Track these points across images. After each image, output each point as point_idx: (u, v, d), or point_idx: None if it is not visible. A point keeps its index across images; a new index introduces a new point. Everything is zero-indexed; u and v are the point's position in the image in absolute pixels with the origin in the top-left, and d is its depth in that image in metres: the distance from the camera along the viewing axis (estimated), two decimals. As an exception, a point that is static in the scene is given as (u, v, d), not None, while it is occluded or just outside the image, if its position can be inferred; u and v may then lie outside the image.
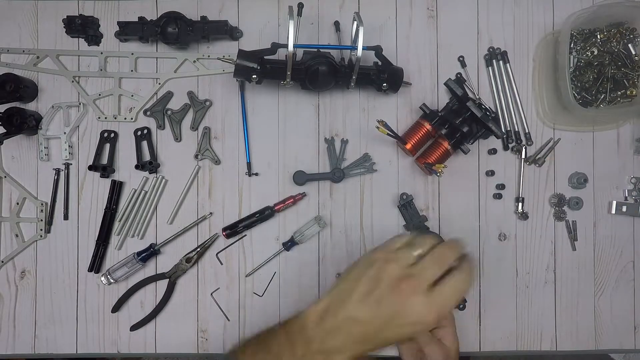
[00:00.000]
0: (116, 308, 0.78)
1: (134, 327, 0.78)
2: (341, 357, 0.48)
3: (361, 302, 0.49)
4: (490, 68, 0.79)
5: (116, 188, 0.78)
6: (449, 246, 0.52)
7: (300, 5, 0.73)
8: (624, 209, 0.78)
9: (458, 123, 0.71)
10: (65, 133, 0.78)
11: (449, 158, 0.75)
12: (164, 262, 0.79)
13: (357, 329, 0.48)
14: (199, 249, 0.78)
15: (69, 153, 0.78)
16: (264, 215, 0.77)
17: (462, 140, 0.73)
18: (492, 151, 0.79)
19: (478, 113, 0.69)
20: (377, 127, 0.71)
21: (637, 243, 0.79)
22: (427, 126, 0.74)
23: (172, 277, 0.78)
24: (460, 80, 0.73)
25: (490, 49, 0.79)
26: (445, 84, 0.71)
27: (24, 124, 0.76)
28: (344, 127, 0.79)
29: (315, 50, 0.73)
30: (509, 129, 0.79)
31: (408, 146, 0.74)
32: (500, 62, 0.79)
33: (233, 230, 0.77)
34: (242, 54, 0.69)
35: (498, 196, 0.79)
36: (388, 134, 0.71)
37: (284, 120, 0.80)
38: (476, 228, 0.79)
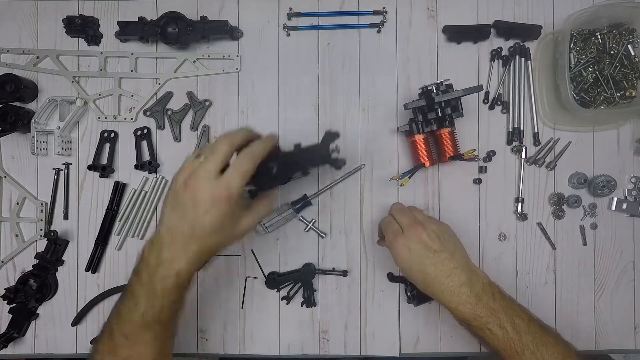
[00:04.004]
0: (76, 321, 0.78)
1: (95, 340, 0.77)
2: (180, 265, 0.55)
3: (169, 213, 0.56)
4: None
5: (119, 190, 0.78)
6: (223, 136, 0.57)
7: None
8: (624, 206, 0.78)
9: (436, 109, 0.71)
10: (59, 127, 0.77)
11: (456, 136, 0.74)
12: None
13: (176, 235, 0.55)
14: None
15: (62, 148, 0.77)
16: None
17: (451, 115, 0.72)
18: (492, 152, 0.79)
19: (451, 97, 0.70)
20: (401, 185, 0.76)
21: (637, 243, 0.79)
22: (420, 137, 0.74)
23: None
24: (424, 92, 0.73)
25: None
26: (406, 108, 0.72)
27: (19, 121, 0.76)
28: (344, 127, 0.79)
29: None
30: (516, 126, 0.79)
31: (427, 164, 0.74)
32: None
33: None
34: None
35: (478, 181, 0.79)
36: (409, 177, 0.72)
37: (284, 119, 0.80)
38: (476, 228, 0.79)
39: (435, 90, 0.71)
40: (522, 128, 0.79)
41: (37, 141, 0.77)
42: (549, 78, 0.78)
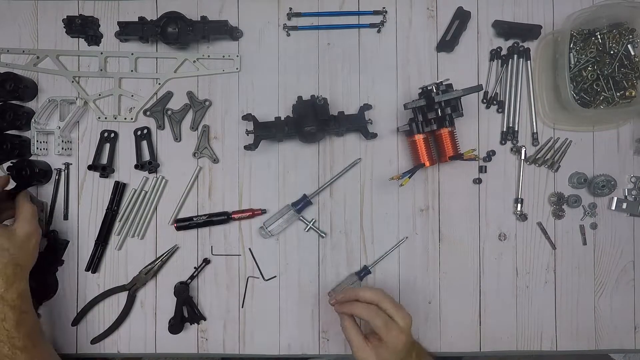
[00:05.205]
0: (76, 321, 0.78)
1: (95, 340, 0.78)
2: None
3: None
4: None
5: (119, 189, 0.78)
6: None
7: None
8: (624, 205, 0.78)
9: (436, 109, 0.71)
10: (59, 127, 0.77)
11: (456, 136, 0.74)
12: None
13: None
14: (158, 262, 0.78)
15: (62, 148, 0.77)
16: (218, 219, 0.77)
17: (450, 115, 0.72)
18: (492, 152, 0.79)
19: (451, 96, 0.70)
20: (401, 185, 0.74)
21: (637, 243, 0.79)
22: (420, 137, 0.74)
23: (132, 289, 0.78)
24: (424, 92, 0.74)
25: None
26: (406, 108, 0.73)
27: (17, 120, 0.76)
28: (344, 127, 0.79)
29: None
30: (510, 125, 0.79)
31: (427, 164, 0.74)
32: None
33: (184, 224, 0.77)
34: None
35: (478, 181, 0.79)
36: (409, 177, 0.72)
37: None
38: (476, 228, 0.79)
39: (435, 90, 0.71)
40: (516, 128, 0.79)
41: (37, 141, 0.77)
42: (548, 78, 0.78)
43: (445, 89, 0.71)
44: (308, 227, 0.78)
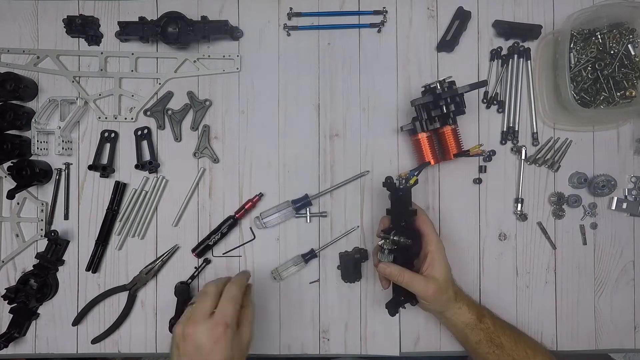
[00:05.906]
0: (77, 321, 0.78)
1: (95, 340, 0.78)
2: None
3: None
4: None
5: (119, 189, 0.78)
6: (208, 282, 0.62)
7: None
8: (624, 205, 0.78)
9: (441, 106, 0.71)
10: (59, 127, 0.77)
11: (459, 133, 0.74)
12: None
13: None
14: (159, 262, 0.78)
15: (63, 148, 0.77)
16: (227, 228, 0.77)
17: (454, 112, 0.72)
18: (492, 152, 0.79)
19: (457, 92, 0.70)
20: (409, 184, 0.70)
21: (637, 242, 0.79)
22: (424, 135, 0.74)
23: (132, 289, 0.78)
24: (426, 90, 0.74)
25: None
26: (413, 105, 0.72)
27: (17, 120, 0.76)
28: (344, 126, 0.79)
29: None
30: (511, 125, 0.79)
31: (432, 162, 0.74)
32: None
33: (202, 250, 0.78)
34: None
35: (478, 181, 0.79)
36: (417, 175, 0.70)
37: (284, 119, 0.80)
38: (476, 228, 0.79)
39: (439, 87, 0.71)
40: (517, 128, 0.79)
41: (37, 141, 0.77)
42: (549, 78, 0.78)
43: (449, 86, 0.71)
44: (309, 216, 0.78)
